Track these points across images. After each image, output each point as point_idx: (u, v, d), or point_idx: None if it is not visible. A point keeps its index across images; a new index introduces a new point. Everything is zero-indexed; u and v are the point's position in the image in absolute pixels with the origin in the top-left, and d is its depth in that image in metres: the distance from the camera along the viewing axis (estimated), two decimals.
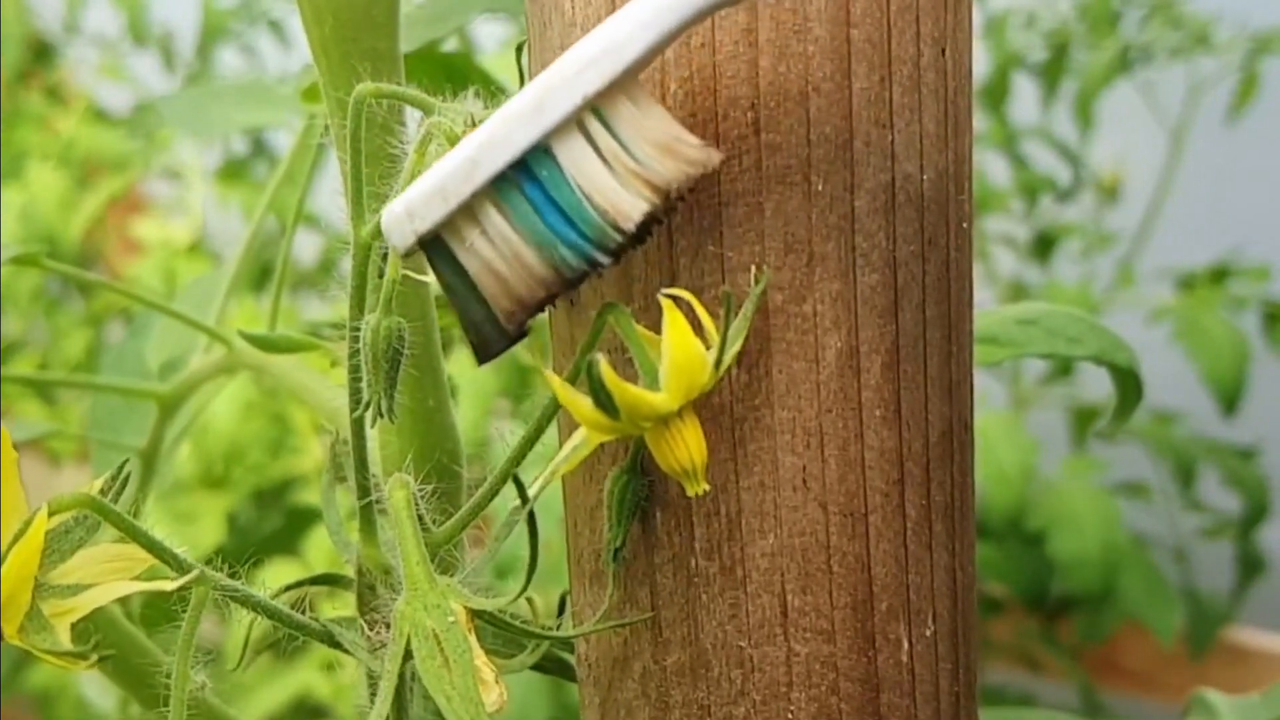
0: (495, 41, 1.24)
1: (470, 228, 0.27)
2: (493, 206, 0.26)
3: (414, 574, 0.29)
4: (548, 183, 0.26)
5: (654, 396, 0.27)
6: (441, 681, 0.28)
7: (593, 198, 0.26)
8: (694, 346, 0.26)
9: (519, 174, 0.26)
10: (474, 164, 0.26)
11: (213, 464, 1.20)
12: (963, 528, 0.32)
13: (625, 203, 0.26)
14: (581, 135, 0.26)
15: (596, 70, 0.26)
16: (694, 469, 0.27)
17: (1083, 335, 0.43)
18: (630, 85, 0.26)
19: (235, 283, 0.53)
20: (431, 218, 0.26)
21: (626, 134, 0.26)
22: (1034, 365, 1.40)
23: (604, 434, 0.28)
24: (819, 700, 0.30)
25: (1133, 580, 1.20)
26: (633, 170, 0.26)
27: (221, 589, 0.29)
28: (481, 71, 0.48)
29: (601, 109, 0.26)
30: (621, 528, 0.30)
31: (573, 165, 0.26)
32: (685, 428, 0.27)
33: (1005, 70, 1.40)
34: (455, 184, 0.26)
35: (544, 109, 0.26)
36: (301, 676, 1.11)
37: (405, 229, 0.27)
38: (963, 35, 0.30)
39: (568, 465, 0.29)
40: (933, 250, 0.30)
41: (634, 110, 0.26)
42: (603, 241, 0.26)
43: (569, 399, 0.27)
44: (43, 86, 1.71)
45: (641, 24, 0.26)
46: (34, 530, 0.27)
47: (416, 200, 0.27)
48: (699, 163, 0.26)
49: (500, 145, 0.26)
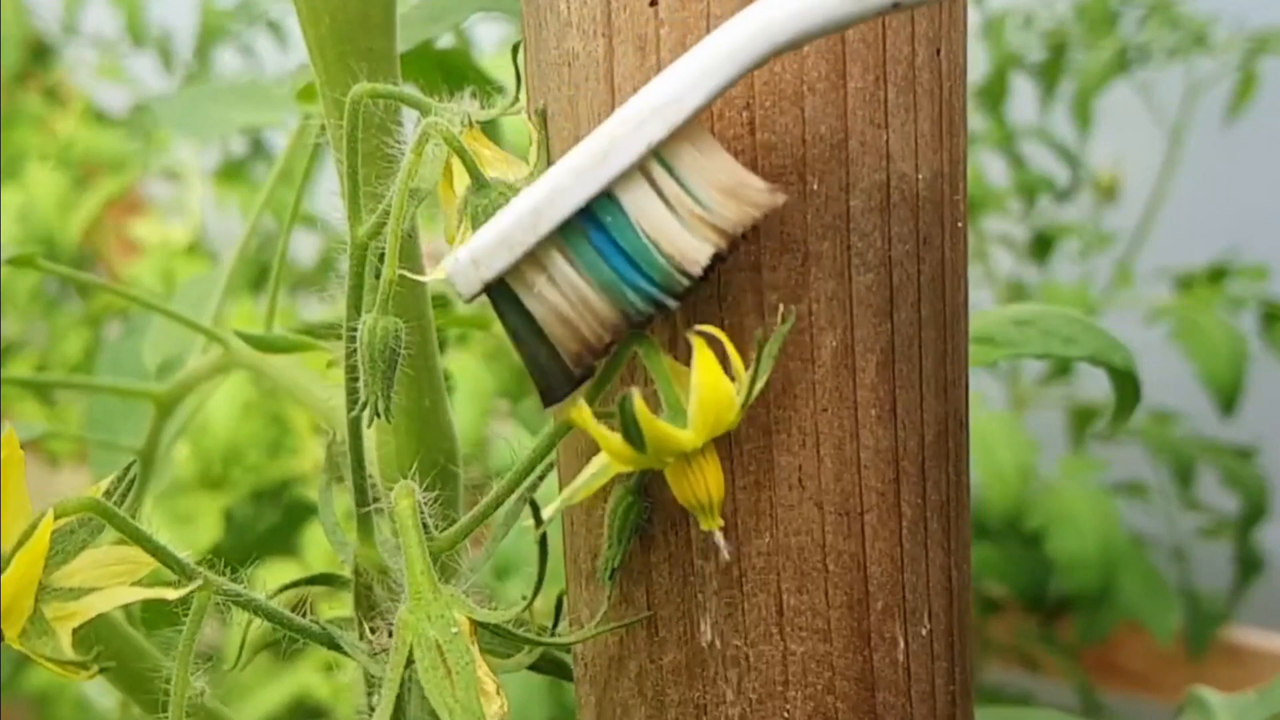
0: (494, 42, 1.24)
1: (536, 274, 0.27)
2: (558, 252, 0.27)
3: (418, 583, 0.29)
4: (613, 229, 0.26)
5: (682, 434, 0.27)
6: (444, 693, 0.28)
7: (659, 243, 0.26)
8: (724, 386, 0.26)
9: (584, 220, 0.26)
10: (538, 214, 0.26)
11: (211, 464, 1.20)
12: (958, 526, 0.32)
13: (691, 248, 0.26)
14: (646, 181, 0.26)
15: (660, 119, 0.26)
16: (711, 504, 0.28)
17: (1078, 336, 0.43)
18: (693, 130, 0.26)
19: (232, 283, 0.53)
20: (497, 265, 0.26)
21: (690, 179, 0.26)
22: (1033, 365, 1.40)
23: (627, 466, 0.28)
24: (815, 699, 0.30)
25: (1131, 580, 1.20)
26: (698, 215, 0.26)
27: (224, 593, 0.29)
28: (478, 71, 0.48)
29: (665, 155, 0.26)
30: (621, 547, 0.30)
31: (638, 211, 0.26)
32: (707, 464, 0.27)
33: (1003, 70, 1.41)
34: (520, 233, 0.26)
35: (609, 159, 0.26)
36: (300, 677, 1.11)
37: (471, 277, 0.27)
38: (957, 35, 0.30)
39: (585, 491, 0.29)
40: (928, 250, 0.30)
41: (697, 155, 0.26)
42: (669, 285, 0.26)
43: (598, 432, 0.27)
44: (41, 87, 1.71)
45: (704, 72, 0.26)
46: (40, 533, 0.27)
47: (481, 249, 0.27)
48: (764, 205, 0.26)
49: (565, 194, 0.26)
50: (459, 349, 1.10)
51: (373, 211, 0.30)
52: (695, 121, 0.26)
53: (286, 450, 1.25)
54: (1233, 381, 1.19)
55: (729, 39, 0.26)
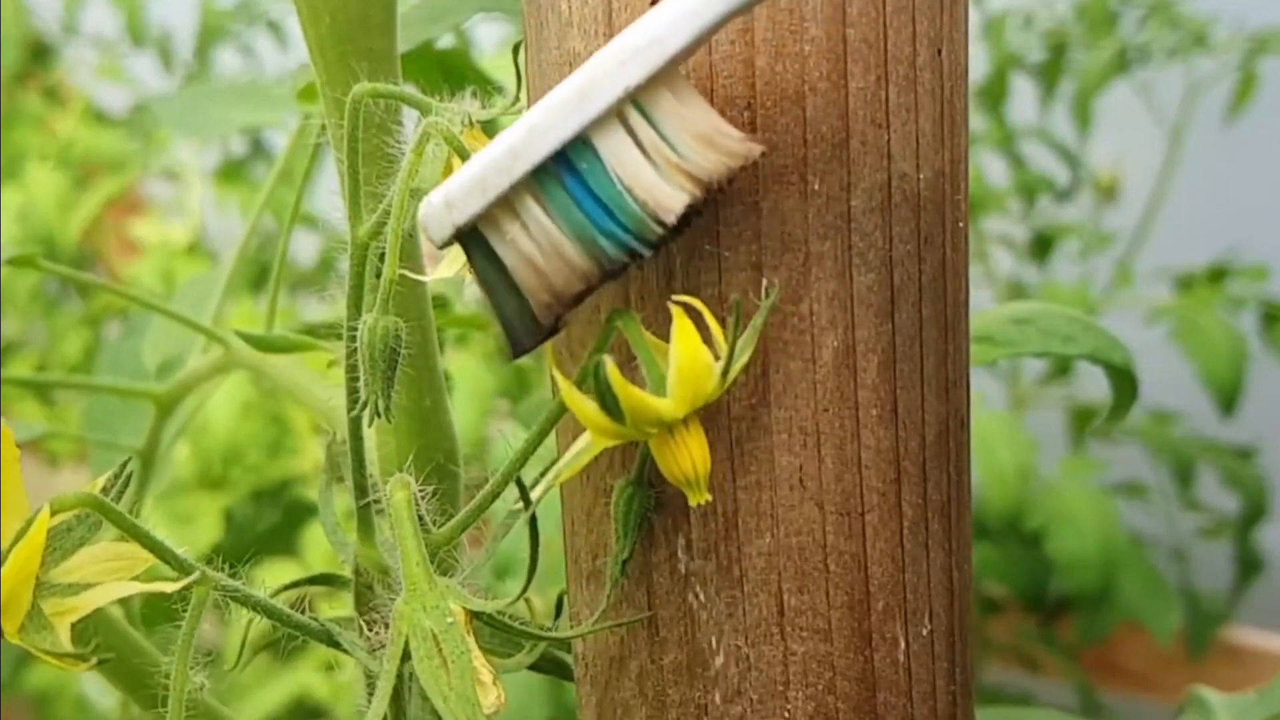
0: (494, 42, 1.24)
1: (509, 220, 0.26)
2: (532, 198, 0.26)
3: (413, 575, 0.29)
4: (588, 175, 0.26)
5: (660, 402, 0.27)
6: (439, 682, 0.28)
7: (633, 190, 0.26)
8: (702, 355, 0.26)
9: (559, 166, 0.26)
10: (514, 155, 0.26)
11: (211, 464, 1.20)
12: (959, 527, 0.32)
13: (666, 195, 0.26)
14: (622, 127, 0.26)
15: (639, 62, 0.26)
16: (697, 478, 0.28)
17: (1077, 334, 0.43)
18: (672, 77, 0.26)
19: (232, 283, 0.53)
20: (470, 209, 0.26)
21: (667, 126, 0.26)
22: (1032, 365, 1.40)
23: (608, 439, 0.28)
24: (816, 699, 0.30)
25: (1131, 580, 1.20)
26: (673, 162, 0.26)
27: (222, 589, 0.29)
28: (478, 71, 0.48)
29: (642, 101, 0.26)
30: (628, 539, 0.30)
31: (613, 157, 0.26)
32: (690, 436, 0.27)
33: (1003, 70, 1.41)
34: (495, 175, 0.26)
35: (585, 100, 0.26)
36: (300, 677, 1.11)
37: (443, 220, 0.26)
38: (959, 35, 0.30)
39: (570, 470, 0.29)
40: (929, 249, 0.30)
41: (675, 102, 0.26)
42: (643, 233, 0.26)
43: (575, 401, 0.26)
44: (41, 87, 1.70)
45: (685, 15, 0.26)
46: (36, 528, 0.27)
47: (455, 191, 0.26)
48: (740, 155, 0.26)
49: (541, 136, 0.26)
50: (459, 349, 1.10)
51: (373, 211, 0.30)
52: (674, 68, 0.26)
53: (286, 450, 1.25)
54: (1233, 381, 1.19)
55: None
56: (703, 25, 0.26)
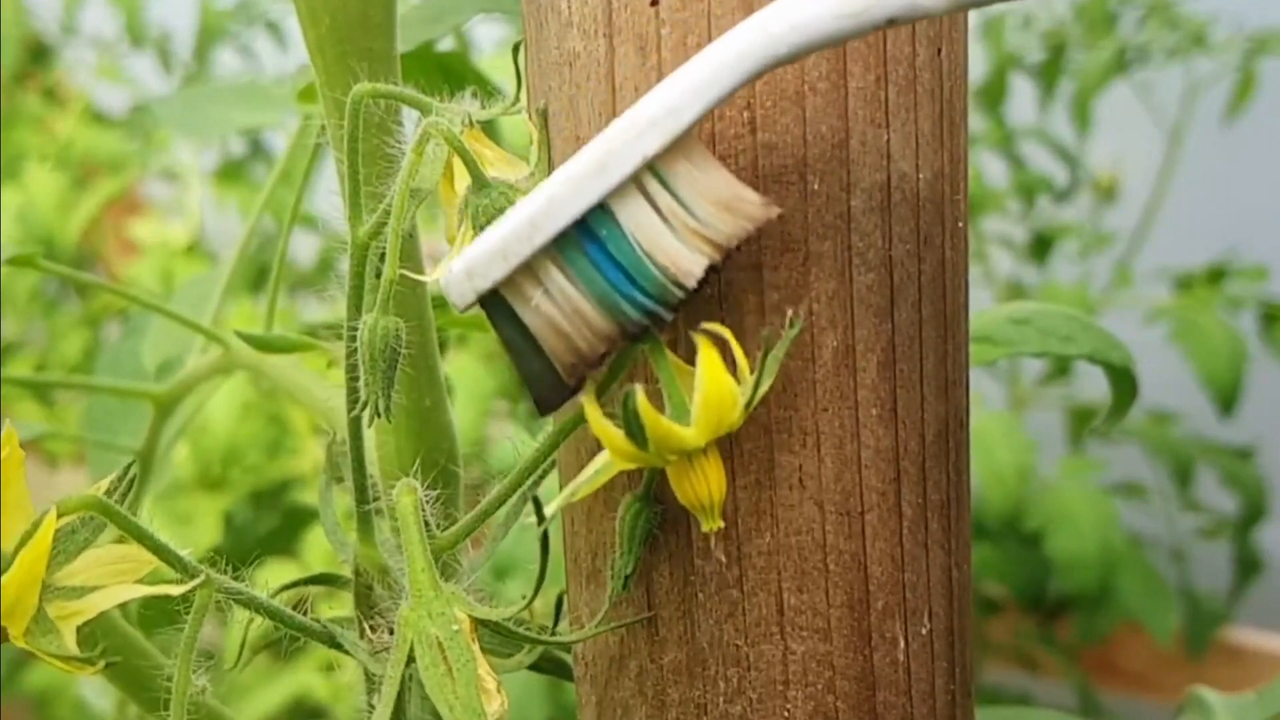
0: (494, 43, 1.24)
1: (531, 285, 0.27)
2: (553, 264, 0.27)
3: (419, 581, 0.29)
4: (608, 241, 0.26)
5: (685, 432, 0.27)
6: (444, 690, 0.28)
7: (654, 256, 0.26)
8: (728, 385, 0.27)
9: (579, 233, 0.26)
10: (534, 225, 0.26)
11: (211, 465, 1.20)
12: (959, 526, 0.32)
13: (685, 260, 0.26)
14: (641, 195, 0.26)
15: (656, 132, 0.26)
16: (712, 505, 0.28)
17: (1076, 334, 0.43)
18: (689, 145, 0.26)
19: (231, 283, 0.53)
20: (492, 276, 0.26)
21: (685, 193, 0.26)
22: (1032, 366, 1.40)
23: (629, 463, 0.28)
24: (815, 698, 0.30)
25: (1130, 580, 1.20)
26: (692, 228, 0.26)
27: (225, 591, 0.29)
28: (477, 72, 0.48)
29: (661, 169, 0.26)
30: (633, 555, 0.30)
31: (633, 224, 0.26)
32: (709, 464, 0.27)
33: (1003, 71, 1.41)
34: (516, 244, 0.26)
35: (604, 170, 0.26)
36: (300, 677, 1.11)
37: (465, 288, 0.27)
38: (958, 35, 0.30)
39: (587, 489, 0.29)
40: (928, 249, 0.30)
41: (693, 169, 0.26)
42: (664, 298, 0.26)
43: (601, 428, 0.27)
44: (40, 87, 1.70)
45: (701, 85, 0.26)
46: (43, 532, 0.27)
47: (476, 260, 0.27)
48: (759, 218, 0.26)
49: (561, 206, 0.26)
50: (458, 350, 1.10)
51: (373, 211, 0.30)
52: (691, 134, 0.26)
53: (286, 451, 1.25)
54: (1232, 382, 1.19)
55: (727, 51, 0.26)
56: (718, 94, 0.26)
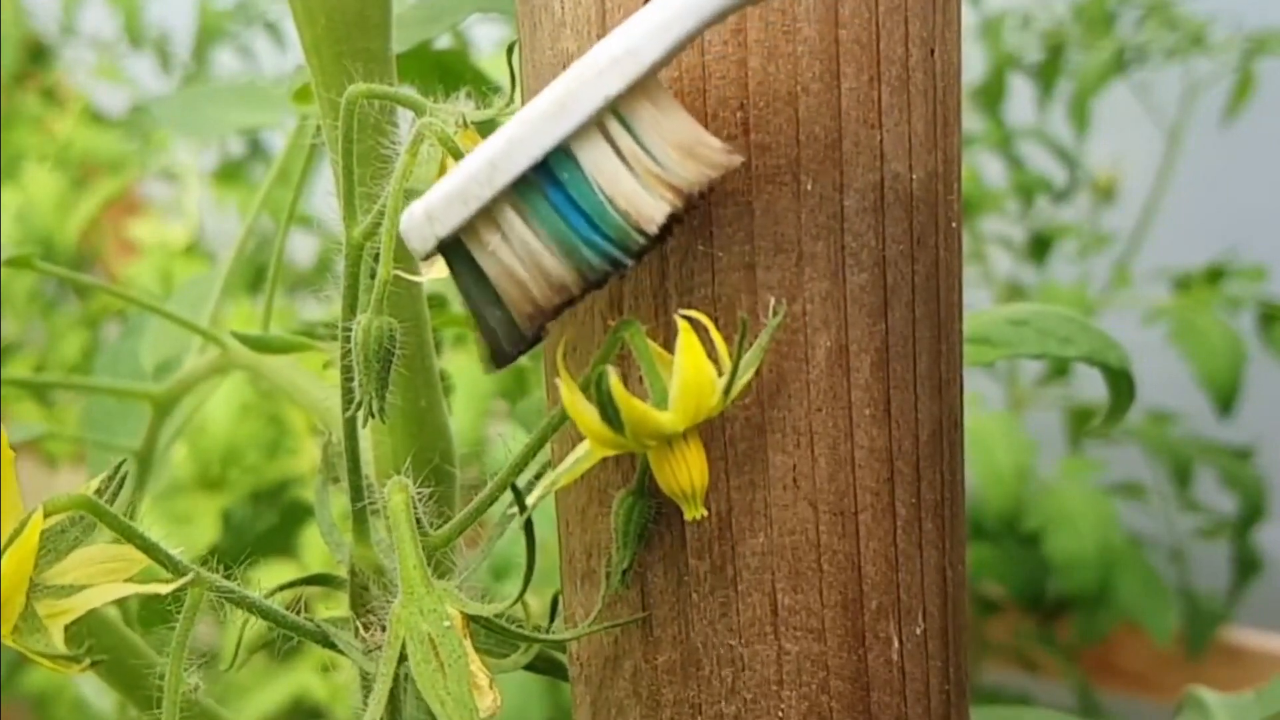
0: (493, 43, 1.24)
1: (490, 231, 0.26)
2: (513, 210, 0.26)
3: (410, 578, 0.29)
4: (569, 185, 0.26)
5: (661, 415, 0.27)
6: (436, 686, 0.28)
7: (615, 200, 0.26)
8: (706, 370, 0.26)
9: (540, 176, 0.26)
10: (494, 167, 0.26)
11: (209, 465, 1.20)
12: (953, 526, 0.32)
13: (647, 205, 0.26)
14: (603, 137, 0.26)
15: (618, 72, 0.26)
16: (694, 492, 0.28)
17: (1074, 335, 0.43)
18: (651, 87, 0.26)
19: (229, 283, 0.53)
20: (451, 221, 0.26)
21: (648, 136, 0.26)
22: (1031, 366, 1.40)
23: (607, 448, 0.28)
24: (809, 698, 0.30)
25: (1129, 580, 1.20)
26: (654, 173, 0.26)
27: (217, 590, 0.29)
28: (474, 71, 0.48)
29: (622, 111, 0.26)
30: (629, 550, 0.30)
31: (594, 167, 0.26)
32: (689, 450, 0.27)
33: (1001, 71, 1.41)
34: (476, 187, 0.26)
35: (565, 111, 0.26)
36: (298, 678, 1.11)
37: (425, 232, 0.27)
38: (951, 36, 0.30)
39: (568, 476, 0.29)
40: (922, 250, 0.30)
41: (655, 112, 0.26)
42: (625, 243, 0.26)
43: (576, 410, 0.27)
44: (39, 88, 1.71)
45: (661, 25, 0.26)
46: (30, 530, 0.27)
47: (436, 203, 0.26)
48: (721, 165, 0.26)
49: (521, 148, 0.26)
50: (457, 350, 1.10)
51: (368, 212, 0.30)
52: (653, 78, 0.26)
53: (284, 451, 1.25)
54: (1231, 382, 1.19)
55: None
56: (679, 35, 0.26)
